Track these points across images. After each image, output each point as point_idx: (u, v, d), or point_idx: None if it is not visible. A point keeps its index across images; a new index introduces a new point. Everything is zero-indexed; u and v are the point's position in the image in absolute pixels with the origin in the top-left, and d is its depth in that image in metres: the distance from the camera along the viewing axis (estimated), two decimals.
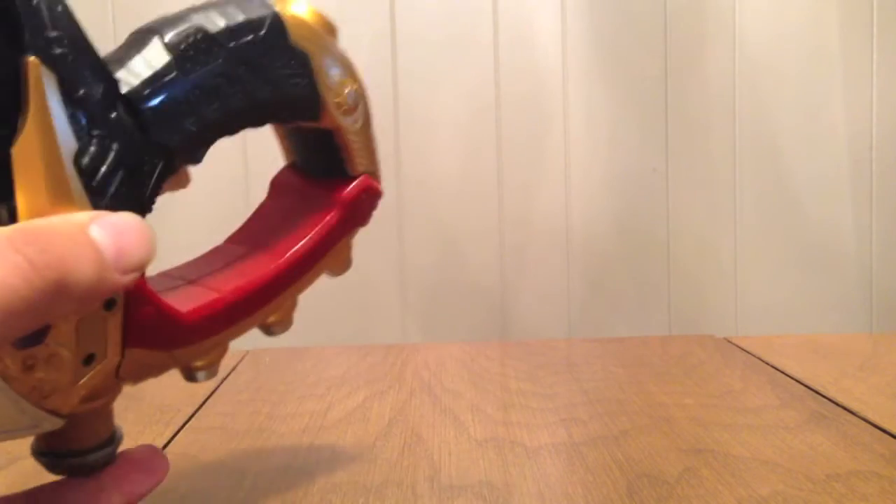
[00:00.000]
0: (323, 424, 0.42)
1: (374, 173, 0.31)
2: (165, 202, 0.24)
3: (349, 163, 0.30)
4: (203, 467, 0.36)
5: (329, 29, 0.29)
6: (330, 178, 0.31)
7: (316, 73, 0.27)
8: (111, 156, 0.21)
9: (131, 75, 0.23)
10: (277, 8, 0.26)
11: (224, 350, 0.27)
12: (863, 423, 0.40)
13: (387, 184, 0.31)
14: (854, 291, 0.72)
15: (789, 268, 0.71)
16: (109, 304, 0.21)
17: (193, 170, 0.26)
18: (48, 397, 0.20)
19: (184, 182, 0.26)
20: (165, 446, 0.39)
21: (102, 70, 0.21)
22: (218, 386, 0.50)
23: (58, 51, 0.20)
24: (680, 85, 0.70)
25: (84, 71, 0.21)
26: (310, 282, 0.30)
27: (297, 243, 0.29)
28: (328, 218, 0.30)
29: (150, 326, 0.23)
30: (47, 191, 0.19)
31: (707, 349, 0.58)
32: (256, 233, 0.31)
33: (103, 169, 0.21)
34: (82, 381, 0.21)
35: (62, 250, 0.18)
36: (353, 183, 0.30)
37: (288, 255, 0.28)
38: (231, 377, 0.52)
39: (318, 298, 0.31)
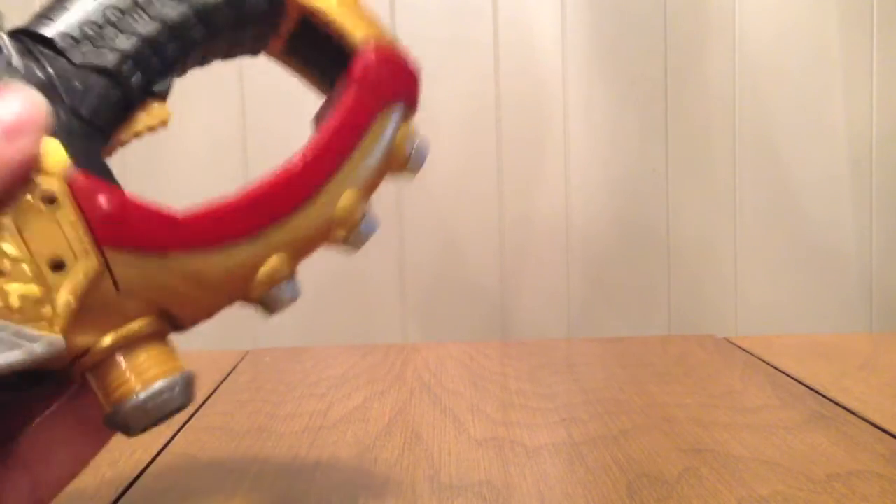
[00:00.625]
0: (323, 424, 0.42)
1: (380, 39, 0.27)
2: (166, 199, 0.24)
3: (346, 38, 0.26)
4: (203, 467, 0.36)
5: None
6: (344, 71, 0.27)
7: None
8: (16, 77, 0.20)
9: (45, 18, 0.22)
10: None
11: (278, 269, 0.24)
12: (863, 423, 0.40)
13: (387, 184, 0.29)
14: (854, 291, 0.72)
15: (789, 268, 0.71)
16: (48, 200, 0.20)
17: (194, 169, 0.25)
18: (21, 309, 0.19)
19: (161, 115, 0.24)
20: (165, 446, 0.39)
21: None
22: (218, 386, 0.50)
23: None
24: (680, 85, 0.70)
25: None
26: (366, 178, 0.26)
27: (324, 133, 0.25)
28: (344, 99, 0.26)
29: (118, 220, 0.21)
30: None
31: (707, 349, 0.58)
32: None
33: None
34: (62, 289, 0.20)
35: None
36: (359, 56, 0.26)
37: (306, 147, 0.25)
38: (231, 377, 0.52)
39: (318, 298, 0.31)
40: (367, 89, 0.26)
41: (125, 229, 0.21)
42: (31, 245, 0.20)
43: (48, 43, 0.22)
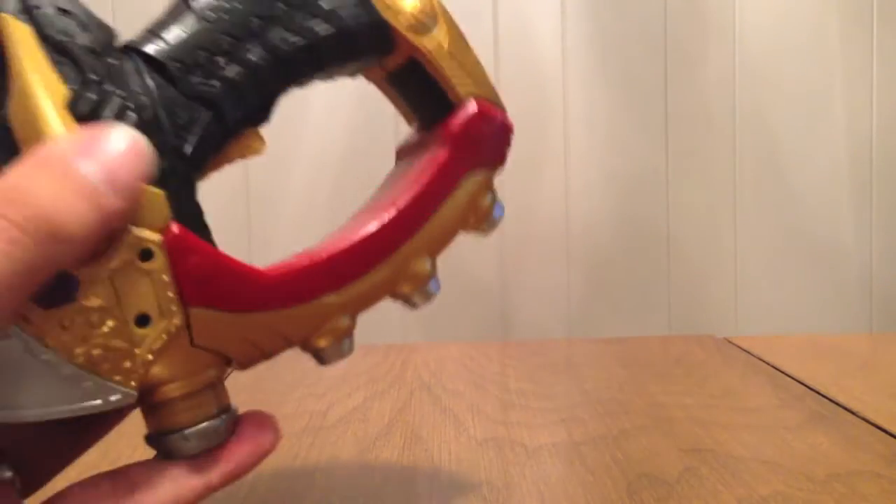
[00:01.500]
0: (323, 424, 0.42)
1: (486, 97, 0.27)
2: None
3: (450, 91, 0.26)
4: None
5: None
6: (442, 119, 0.27)
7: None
8: (115, 101, 0.20)
9: (154, 36, 0.22)
10: None
11: (348, 325, 0.24)
12: (863, 423, 0.40)
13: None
14: (854, 291, 0.72)
15: (789, 268, 0.71)
16: (145, 255, 0.20)
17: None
18: (101, 364, 0.19)
19: (254, 146, 0.24)
20: None
21: (88, 17, 0.20)
22: None
23: (31, 3, 0.19)
24: (680, 85, 0.70)
25: (63, 19, 0.20)
26: (441, 239, 0.26)
27: (404, 192, 0.25)
28: (436, 155, 0.26)
29: (206, 279, 0.21)
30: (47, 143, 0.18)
31: (707, 349, 0.58)
32: (374, 199, 0.27)
33: (107, 114, 0.20)
34: (143, 345, 0.20)
35: (46, 199, 0.17)
36: (460, 110, 0.26)
37: (393, 203, 0.25)
38: (231, 377, 0.52)
39: None
40: (461, 150, 0.26)
41: (213, 290, 0.21)
42: (122, 299, 0.20)
43: (158, 65, 0.21)
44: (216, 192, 0.69)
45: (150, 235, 0.20)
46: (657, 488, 0.32)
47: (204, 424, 0.22)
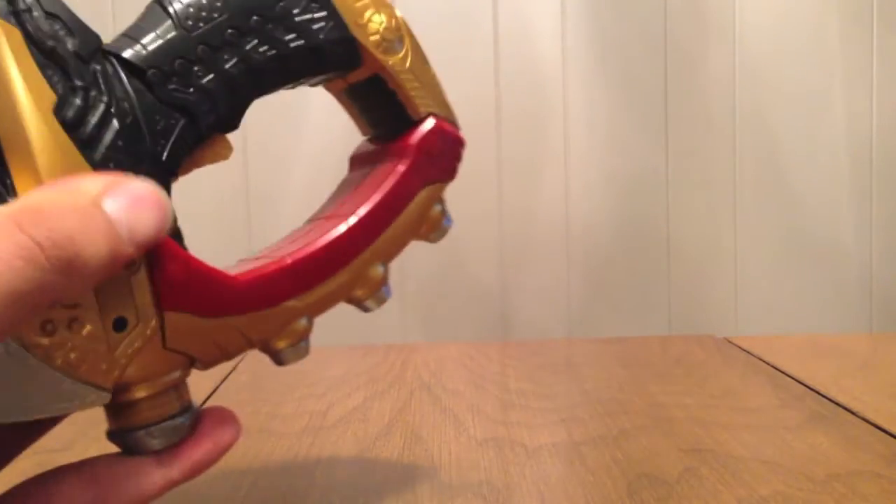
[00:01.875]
0: (323, 424, 0.42)
1: (444, 115, 0.28)
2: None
3: (410, 107, 0.28)
4: None
5: None
6: (400, 133, 0.28)
7: (342, 13, 0.26)
8: (100, 107, 0.20)
9: (131, 40, 0.22)
10: None
11: (307, 327, 0.25)
12: (863, 423, 0.40)
13: None
14: (854, 291, 0.72)
15: (789, 267, 0.71)
16: (129, 265, 0.21)
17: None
18: (80, 367, 0.20)
19: (223, 152, 0.24)
20: None
21: (75, 23, 0.21)
22: (218, 386, 0.50)
23: (20, 6, 0.20)
24: (680, 85, 0.70)
25: (52, 24, 0.20)
26: (394, 246, 0.27)
27: (364, 201, 0.26)
28: (396, 168, 0.27)
29: (184, 285, 0.22)
30: (32, 148, 0.19)
31: (707, 349, 0.58)
32: (331, 205, 0.29)
33: (92, 120, 0.20)
34: (119, 349, 0.21)
35: (72, 228, 0.17)
36: (419, 126, 0.28)
37: (354, 212, 0.26)
38: (231, 377, 0.52)
39: None
40: (419, 164, 0.27)
41: (189, 296, 0.22)
42: (102, 303, 0.20)
43: (137, 71, 0.22)
44: (216, 192, 0.69)
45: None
46: (657, 488, 0.32)
47: (168, 422, 0.23)
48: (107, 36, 0.22)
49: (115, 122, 0.21)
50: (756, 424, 0.40)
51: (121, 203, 0.18)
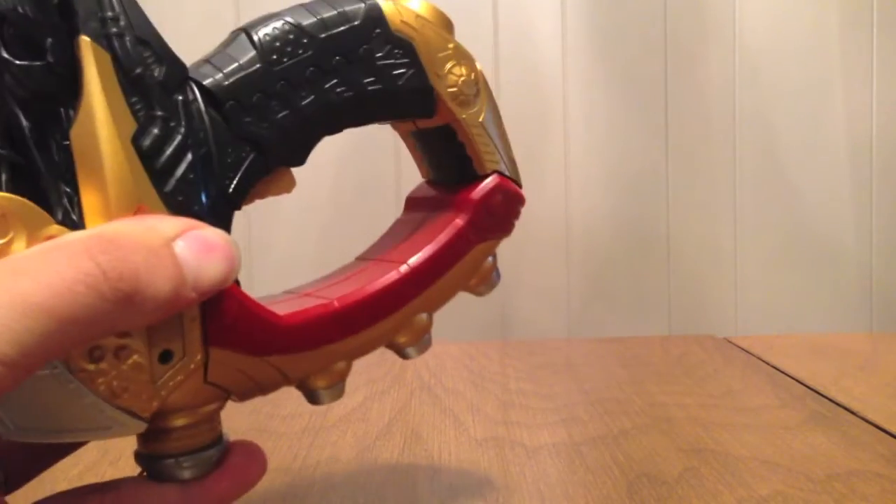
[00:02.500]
0: (323, 424, 0.42)
1: (508, 173, 0.28)
2: None
3: (476, 162, 0.28)
4: None
5: (443, 22, 0.27)
6: (462, 184, 0.28)
7: (424, 62, 0.26)
8: (177, 138, 0.21)
9: (214, 69, 0.22)
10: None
11: (345, 369, 0.26)
12: (863, 423, 0.40)
13: (386, 183, 0.29)
14: (854, 291, 0.72)
15: (789, 268, 0.71)
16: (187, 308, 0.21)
17: None
18: (121, 395, 0.20)
19: (287, 185, 0.24)
20: None
21: (164, 51, 0.21)
22: None
23: (112, 30, 0.20)
24: (680, 85, 0.70)
25: (141, 51, 0.20)
26: (443, 297, 0.27)
27: (420, 250, 0.26)
28: (454, 221, 0.27)
29: (233, 324, 0.22)
30: (105, 172, 0.19)
31: (707, 349, 0.58)
32: (383, 247, 0.29)
33: (168, 150, 0.20)
34: (162, 380, 0.21)
35: (139, 263, 0.17)
36: (483, 182, 0.28)
37: (408, 262, 0.26)
38: None
39: None
40: (478, 220, 0.27)
41: (236, 335, 0.22)
42: (151, 336, 0.20)
43: (215, 101, 0.22)
44: None
45: None
46: (657, 488, 0.32)
47: (199, 453, 0.23)
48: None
49: (189, 155, 0.21)
50: (756, 424, 0.40)
51: (192, 248, 0.19)
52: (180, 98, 0.21)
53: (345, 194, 0.66)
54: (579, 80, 0.69)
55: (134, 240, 0.18)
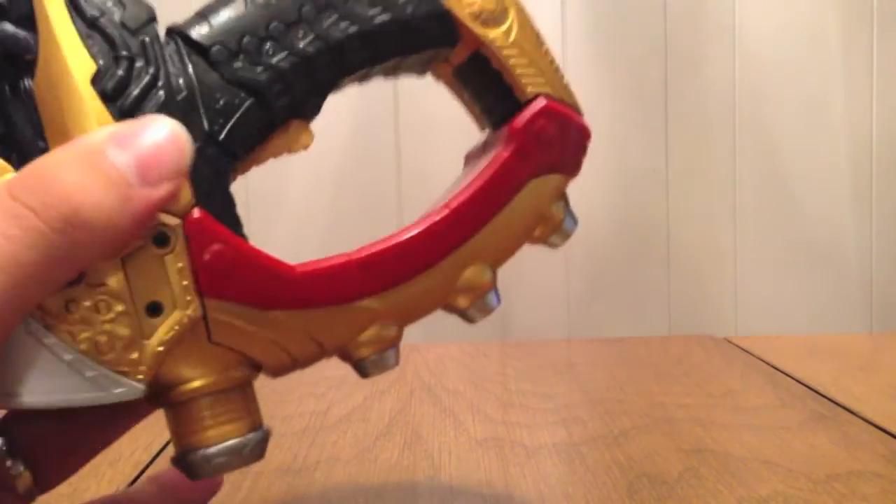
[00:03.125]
0: (323, 424, 0.42)
1: (557, 96, 0.24)
2: None
3: (517, 89, 0.24)
4: None
5: None
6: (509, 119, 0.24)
7: None
8: (145, 78, 0.19)
9: (199, 17, 0.21)
10: None
11: (394, 335, 0.22)
12: (863, 423, 0.40)
13: (387, 183, 0.28)
14: (854, 291, 0.72)
15: (789, 268, 0.71)
16: (160, 240, 0.19)
17: None
18: (108, 353, 0.18)
19: (301, 139, 0.22)
20: (165, 446, 0.39)
21: None
22: None
23: None
24: (680, 84, 0.70)
25: None
26: (499, 246, 0.23)
27: (462, 193, 0.23)
28: (498, 154, 0.23)
29: (229, 270, 0.19)
30: (65, 118, 0.18)
31: (707, 349, 0.58)
32: (432, 207, 0.25)
33: (134, 91, 0.19)
34: (154, 336, 0.19)
35: (68, 183, 0.16)
36: (527, 107, 0.24)
37: (447, 205, 0.23)
38: None
39: None
40: (526, 150, 0.24)
41: (232, 281, 0.20)
42: (133, 284, 0.19)
43: (201, 49, 0.20)
44: None
45: (168, 219, 0.19)
46: (657, 488, 0.32)
47: (231, 442, 0.20)
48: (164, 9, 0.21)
49: (161, 94, 0.19)
50: (756, 424, 0.40)
51: (128, 148, 0.17)
52: (147, 39, 0.20)
53: (345, 194, 0.66)
54: (579, 80, 0.69)
55: (57, 163, 0.16)
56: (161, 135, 0.18)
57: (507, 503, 0.31)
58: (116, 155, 0.17)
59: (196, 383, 0.20)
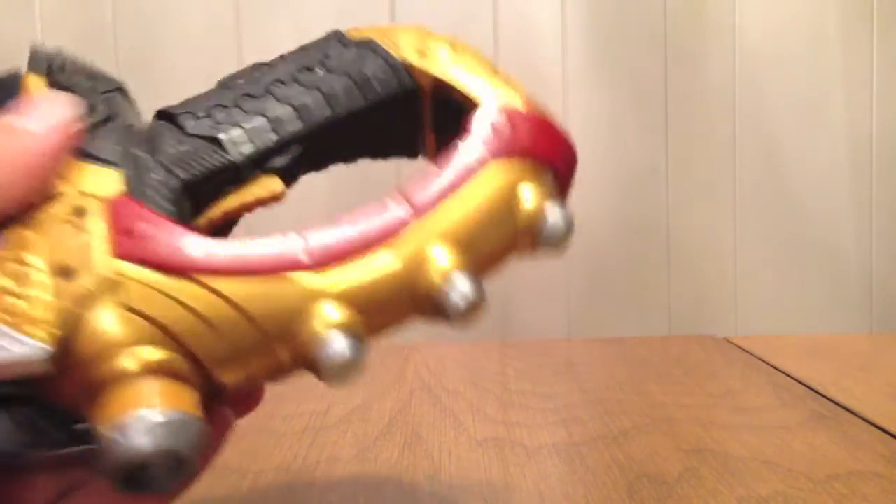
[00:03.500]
0: (323, 424, 0.42)
1: (507, 101, 0.25)
2: None
3: (467, 101, 0.25)
4: None
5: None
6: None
7: (387, 48, 0.25)
8: (103, 116, 0.21)
9: (179, 104, 0.23)
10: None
11: (344, 320, 0.19)
12: (863, 423, 0.40)
13: (387, 183, 0.29)
14: (854, 291, 0.72)
15: (789, 268, 0.71)
16: (79, 212, 0.19)
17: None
18: (14, 313, 0.18)
19: (270, 189, 0.23)
20: None
21: (98, 72, 0.23)
22: None
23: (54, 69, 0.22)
24: (680, 84, 0.70)
25: (73, 78, 0.22)
26: (465, 229, 0.22)
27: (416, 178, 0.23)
28: (453, 141, 0.23)
29: (141, 234, 0.19)
30: None
31: (707, 349, 0.58)
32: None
33: (91, 120, 0.21)
34: (62, 297, 0.18)
35: None
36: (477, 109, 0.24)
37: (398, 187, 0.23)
38: None
39: None
40: (482, 138, 0.23)
41: (143, 243, 0.19)
42: (44, 247, 0.19)
43: (171, 117, 0.22)
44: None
45: (86, 199, 0.19)
46: (657, 488, 0.32)
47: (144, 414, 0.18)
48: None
49: (117, 123, 0.21)
50: (756, 424, 0.40)
51: (12, 109, 0.19)
52: (112, 97, 0.22)
53: (344, 193, 0.66)
54: (579, 79, 0.69)
55: None
56: (41, 99, 0.20)
57: (506, 503, 0.31)
58: (10, 118, 0.19)
59: (122, 361, 0.18)
